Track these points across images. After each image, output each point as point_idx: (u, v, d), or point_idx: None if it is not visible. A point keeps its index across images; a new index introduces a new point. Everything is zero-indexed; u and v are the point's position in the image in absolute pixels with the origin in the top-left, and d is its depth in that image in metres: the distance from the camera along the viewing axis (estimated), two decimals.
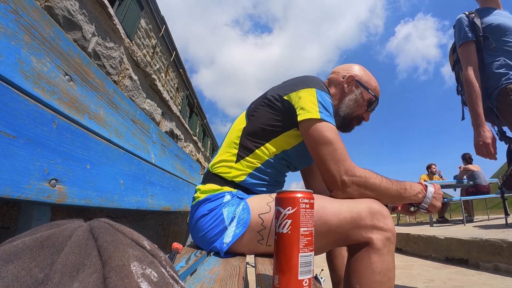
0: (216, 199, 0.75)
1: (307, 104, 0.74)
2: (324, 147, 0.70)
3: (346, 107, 0.90)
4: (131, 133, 0.92)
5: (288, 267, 0.40)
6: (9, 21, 0.47)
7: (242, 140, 0.81)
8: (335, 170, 0.68)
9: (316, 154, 0.72)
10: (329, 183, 0.71)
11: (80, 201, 0.61)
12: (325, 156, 0.69)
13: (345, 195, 0.69)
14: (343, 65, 0.97)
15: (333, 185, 0.70)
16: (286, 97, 0.78)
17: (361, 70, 0.93)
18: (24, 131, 0.48)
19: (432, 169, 5.43)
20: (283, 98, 0.79)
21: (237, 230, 0.68)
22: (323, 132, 0.70)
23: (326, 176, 0.71)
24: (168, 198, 1.22)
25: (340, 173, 0.68)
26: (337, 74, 0.93)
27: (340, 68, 0.96)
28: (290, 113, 0.77)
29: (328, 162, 0.69)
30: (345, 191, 0.68)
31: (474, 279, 1.89)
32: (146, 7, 6.13)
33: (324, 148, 0.70)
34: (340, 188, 0.69)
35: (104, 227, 0.21)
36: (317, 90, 0.76)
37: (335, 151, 0.69)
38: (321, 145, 0.70)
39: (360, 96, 0.90)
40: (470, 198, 4.39)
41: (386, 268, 0.60)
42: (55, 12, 2.12)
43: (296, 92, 0.77)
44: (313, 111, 0.72)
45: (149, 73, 3.54)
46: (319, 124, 0.71)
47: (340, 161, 0.69)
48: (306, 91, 0.76)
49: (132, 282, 0.17)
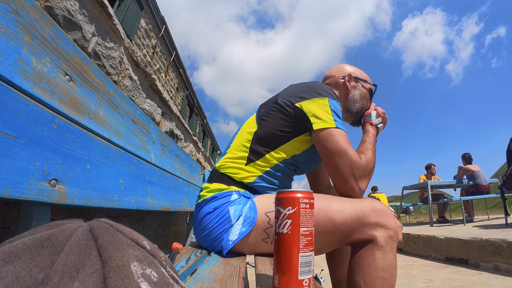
0: (222, 197, 0.75)
1: (321, 114, 0.77)
2: (340, 158, 0.74)
3: (354, 102, 0.95)
4: (131, 133, 0.92)
5: (288, 267, 0.40)
6: (9, 21, 0.47)
7: (253, 144, 0.82)
8: (351, 179, 0.74)
9: (330, 162, 0.76)
10: (344, 189, 0.76)
11: (80, 201, 0.61)
12: (341, 167, 0.74)
13: (360, 192, 0.75)
14: (333, 68, 1.02)
15: (350, 189, 0.75)
16: (298, 105, 0.80)
17: (352, 67, 1.00)
18: (24, 131, 0.48)
19: (431, 170, 5.43)
20: (295, 105, 0.80)
21: (243, 229, 0.68)
22: (338, 142, 0.74)
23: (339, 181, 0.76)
24: (168, 198, 1.22)
25: (357, 179, 0.74)
26: (334, 77, 0.98)
27: (333, 71, 1.00)
28: (302, 120, 0.80)
29: (344, 170, 0.74)
30: (361, 189, 0.75)
31: (474, 279, 1.89)
32: (146, 7, 6.13)
33: (341, 159, 0.74)
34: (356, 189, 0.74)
35: (104, 227, 0.21)
36: (329, 99, 0.79)
37: (349, 158, 0.74)
38: (337, 155, 0.74)
39: (363, 89, 0.97)
40: (470, 198, 4.39)
41: (389, 265, 0.62)
42: (55, 12, 2.12)
43: (309, 101, 0.79)
44: (329, 120, 0.76)
45: (149, 73, 3.54)
46: (334, 133, 0.75)
47: (355, 169, 0.74)
48: (319, 100, 0.79)
49: (132, 282, 0.17)
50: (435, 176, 5.39)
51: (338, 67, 1.00)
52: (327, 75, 1.00)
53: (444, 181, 4.99)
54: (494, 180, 5.00)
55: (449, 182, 4.89)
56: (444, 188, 5.58)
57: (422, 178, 5.41)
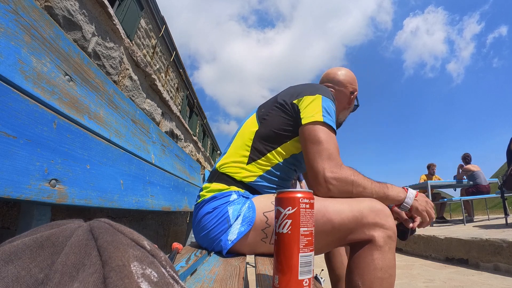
0: (222, 197, 0.75)
1: (311, 109, 0.77)
2: (314, 146, 0.72)
3: (343, 116, 1.03)
4: (131, 133, 0.92)
5: (288, 267, 0.40)
6: (9, 21, 0.47)
7: (255, 143, 0.82)
8: (320, 167, 0.70)
9: (305, 151, 0.75)
10: (312, 179, 0.72)
11: (80, 201, 0.61)
12: (312, 154, 0.72)
13: (326, 191, 0.70)
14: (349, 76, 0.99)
15: (316, 181, 0.71)
16: (295, 101, 0.81)
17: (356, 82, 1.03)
18: (24, 131, 0.48)
19: (430, 170, 5.42)
20: (293, 103, 0.82)
21: (242, 228, 0.68)
22: (317, 132, 0.73)
23: (310, 173, 0.72)
24: (168, 198, 1.22)
25: (325, 170, 0.69)
26: (346, 88, 0.99)
27: (346, 81, 0.99)
28: (298, 117, 0.80)
29: (315, 160, 0.71)
30: (328, 187, 0.69)
31: (474, 279, 1.89)
32: (146, 7, 6.13)
33: (314, 147, 0.72)
34: (323, 185, 0.69)
35: (104, 227, 0.21)
36: (323, 97, 0.80)
37: (323, 150, 0.71)
38: (311, 144, 0.73)
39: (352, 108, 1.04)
40: (470, 198, 4.39)
41: (387, 265, 0.62)
42: (55, 12, 2.12)
43: (304, 98, 0.80)
44: (317, 116, 0.75)
45: (149, 73, 3.54)
46: (318, 125, 0.74)
47: (327, 159, 0.70)
48: (313, 97, 0.80)
49: (132, 282, 0.17)
50: (436, 176, 5.39)
51: (352, 79, 1.00)
52: (342, 82, 0.98)
53: (444, 181, 5.00)
54: (494, 180, 5.00)
55: (449, 182, 4.89)
56: (444, 188, 5.58)
57: (423, 178, 5.41)
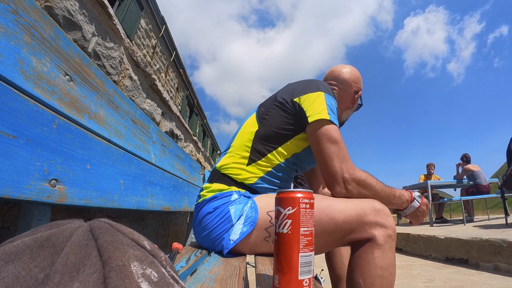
0: (223, 197, 0.75)
1: (316, 106, 0.77)
2: (331, 145, 0.73)
3: (346, 115, 1.01)
4: (131, 133, 0.92)
5: (288, 267, 0.40)
6: (9, 21, 0.47)
7: (255, 143, 0.82)
8: (338, 168, 0.72)
9: (321, 151, 0.74)
10: (330, 179, 0.73)
11: (80, 201, 0.61)
12: (330, 154, 0.73)
13: (345, 191, 0.72)
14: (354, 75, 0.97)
15: (335, 181, 0.72)
16: (296, 99, 0.81)
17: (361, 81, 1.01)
18: (24, 131, 0.48)
19: (428, 170, 5.42)
20: (294, 101, 0.81)
21: (245, 228, 0.68)
22: (331, 132, 0.74)
23: (328, 173, 0.73)
24: (168, 198, 1.22)
25: (343, 171, 0.71)
26: (350, 87, 0.96)
27: (351, 79, 0.96)
28: (300, 116, 0.79)
29: (333, 160, 0.72)
30: (346, 188, 0.71)
31: (474, 279, 1.89)
32: (146, 7, 6.13)
33: (331, 146, 0.73)
34: (341, 185, 0.72)
35: (104, 227, 0.21)
36: (325, 94, 0.80)
37: (340, 150, 0.73)
38: (328, 143, 0.73)
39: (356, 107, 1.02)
40: (470, 198, 4.39)
41: (387, 263, 0.63)
42: (55, 12, 2.12)
43: (306, 95, 0.80)
44: (323, 113, 0.75)
45: (149, 73, 3.54)
46: (328, 125, 0.75)
47: (344, 160, 0.72)
48: (315, 94, 0.79)
49: (132, 282, 0.17)
50: (435, 176, 5.39)
51: (357, 77, 0.97)
52: (346, 80, 0.96)
53: (444, 181, 4.99)
54: (494, 180, 5.00)
55: (449, 182, 4.89)
56: (444, 188, 5.58)
57: (422, 178, 5.41)
